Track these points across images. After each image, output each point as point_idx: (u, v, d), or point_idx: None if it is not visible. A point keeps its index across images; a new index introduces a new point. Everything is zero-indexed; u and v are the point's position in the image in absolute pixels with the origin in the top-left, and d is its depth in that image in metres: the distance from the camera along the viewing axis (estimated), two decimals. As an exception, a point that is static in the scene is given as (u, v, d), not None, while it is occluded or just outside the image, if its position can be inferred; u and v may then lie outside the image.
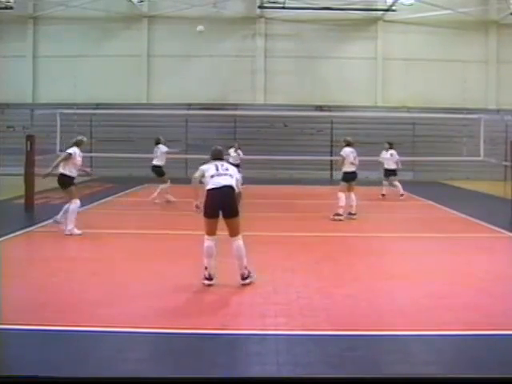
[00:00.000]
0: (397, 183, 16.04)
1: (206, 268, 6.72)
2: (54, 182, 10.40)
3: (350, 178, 12.32)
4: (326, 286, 6.80)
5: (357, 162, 12.38)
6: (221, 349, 4.81)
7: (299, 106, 23.32)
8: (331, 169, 22.92)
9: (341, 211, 11.99)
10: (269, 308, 5.87)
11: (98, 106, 23.11)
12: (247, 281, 6.75)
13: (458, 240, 10.14)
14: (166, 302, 6.12)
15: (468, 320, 5.61)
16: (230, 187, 6.76)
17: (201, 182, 6.98)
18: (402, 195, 15.81)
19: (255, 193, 17.82)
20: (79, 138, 10.73)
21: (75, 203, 9.90)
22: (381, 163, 16.68)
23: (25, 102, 24.36)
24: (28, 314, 5.62)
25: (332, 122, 23.42)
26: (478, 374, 4.26)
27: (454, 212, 13.44)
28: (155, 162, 14.78)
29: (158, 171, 14.76)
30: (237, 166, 18.70)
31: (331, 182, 19.88)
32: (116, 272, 7.43)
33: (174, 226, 11.68)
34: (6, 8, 22.60)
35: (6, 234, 9.48)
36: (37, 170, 13.25)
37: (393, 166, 16.15)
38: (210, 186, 6.76)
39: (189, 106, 23.52)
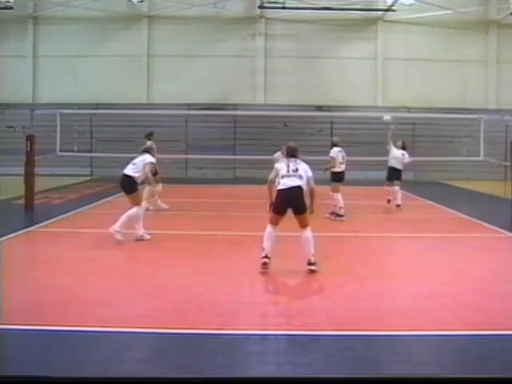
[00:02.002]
0: (397, 189, 13.83)
1: (263, 248, 7.31)
2: (54, 183, 10.37)
3: (340, 177, 12.40)
4: (326, 286, 6.80)
5: (345, 161, 12.46)
6: (221, 349, 4.81)
7: (299, 106, 23.30)
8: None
9: (342, 212, 12.00)
10: (269, 308, 5.87)
11: (98, 106, 23.11)
12: (313, 267, 7.25)
13: (458, 240, 10.14)
14: (166, 302, 6.12)
15: (468, 320, 5.60)
16: (298, 187, 7.40)
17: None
18: (398, 205, 13.68)
19: (255, 193, 17.83)
20: (149, 144, 10.06)
21: (140, 207, 9.41)
22: (387, 161, 14.35)
23: (25, 102, 24.35)
24: (28, 314, 5.62)
25: (332, 122, 23.41)
26: (478, 373, 4.26)
27: (454, 212, 13.43)
28: None
29: None
30: None
31: (331, 182, 19.85)
32: (116, 272, 7.43)
33: (174, 226, 11.67)
34: (5, 8, 22.61)
35: (6, 234, 9.48)
36: (37, 169, 13.26)
37: (399, 167, 13.96)
38: (280, 187, 7.44)
39: (189, 106, 23.51)
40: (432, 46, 24.06)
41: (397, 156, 14.02)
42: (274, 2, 22.84)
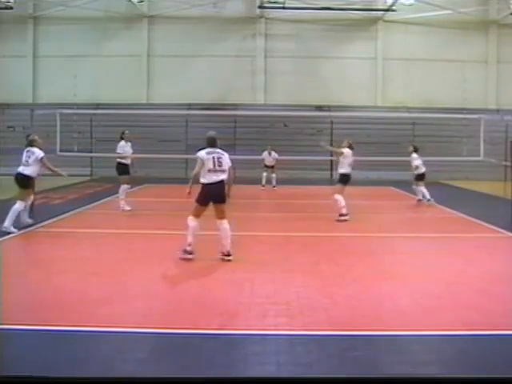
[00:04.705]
0: (421, 188, 14.99)
1: (189, 244, 7.90)
2: (54, 183, 10.35)
3: (347, 179, 12.20)
4: (326, 285, 6.80)
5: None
6: (221, 349, 4.81)
7: (299, 106, 23.32)
8: (331, 169, 22.91)
9: (344, 211, 11.91)
10: (269, 308, 5.86)
11: (98, 106, 23.12)
12: (230, 257, 7.85)
13: (458, 240, 10.14)
14: (166, 302, 6.12)
15: (468, 320, 5.60)
16: (221, 182, 8.01)
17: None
18: (419, 200, 15.01)
19: (255, 193, 17.84)
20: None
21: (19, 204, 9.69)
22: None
23: (25, 102, 24.37)
24: (28, 313, 5.61)
25: (332, 122, 23.42)
26: (478, 374, 4.26)
27: (454, 212, 13.43)
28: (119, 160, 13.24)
29: (119, 168, 13.19)
30: (271, 167, 18.98)
31: (331, 181, 19.87)
32: (116, 272, 7.43)
33: (173, 226, 11.64)
34: (5, 8, 22.62)
35: (6, 234, 9.48)
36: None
37: (422, 170, 15.15)
38: (205, 181, 7.98)
39: (189, 106, 23.52)
40: (432, 46, 24.08)
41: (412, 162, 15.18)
42: (274, 2, 22.85)
